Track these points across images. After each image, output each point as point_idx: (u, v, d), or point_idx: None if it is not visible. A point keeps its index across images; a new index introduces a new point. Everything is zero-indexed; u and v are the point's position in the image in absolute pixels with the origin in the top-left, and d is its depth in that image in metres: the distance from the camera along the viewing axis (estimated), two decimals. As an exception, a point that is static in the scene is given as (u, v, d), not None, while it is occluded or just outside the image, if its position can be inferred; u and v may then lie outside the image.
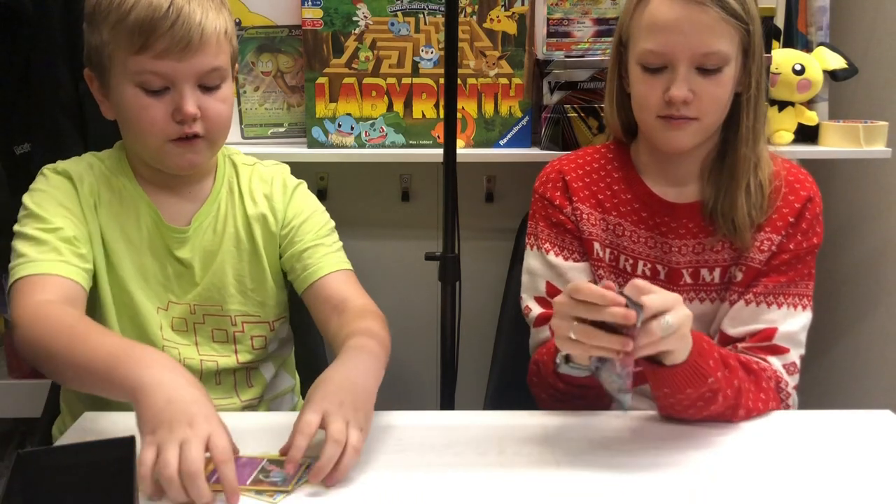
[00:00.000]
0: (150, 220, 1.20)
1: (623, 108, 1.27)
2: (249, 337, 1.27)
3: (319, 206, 1.32)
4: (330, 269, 1.24)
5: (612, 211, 1.27)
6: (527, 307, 1.30)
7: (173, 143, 1.14)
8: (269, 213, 1.26)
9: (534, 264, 1.30)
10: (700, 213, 1.23)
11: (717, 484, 0.96)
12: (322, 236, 1.27)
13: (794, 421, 1.13)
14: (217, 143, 1.19)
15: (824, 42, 1.71)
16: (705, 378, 1.04)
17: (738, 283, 1.23)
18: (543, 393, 1.22)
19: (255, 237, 1.25)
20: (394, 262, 1.85)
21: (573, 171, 1.30)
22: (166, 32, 1.08)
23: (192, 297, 1.22)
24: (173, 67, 1.10)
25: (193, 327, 1.24)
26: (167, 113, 1.12)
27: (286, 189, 1.28)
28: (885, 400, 1.28)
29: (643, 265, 1.25)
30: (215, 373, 1.25)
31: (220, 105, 1.16)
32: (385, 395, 1.84)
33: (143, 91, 1.11)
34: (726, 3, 1.13)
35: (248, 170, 1.29)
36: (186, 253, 1.21)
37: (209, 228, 1.23)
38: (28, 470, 0.80)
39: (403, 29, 1.63)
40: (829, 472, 0.99)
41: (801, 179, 1.25)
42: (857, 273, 1.89)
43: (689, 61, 1.14)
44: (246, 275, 1.25)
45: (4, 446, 1.83)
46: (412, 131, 1.67)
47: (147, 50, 1.09)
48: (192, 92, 1.12)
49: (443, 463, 1.00)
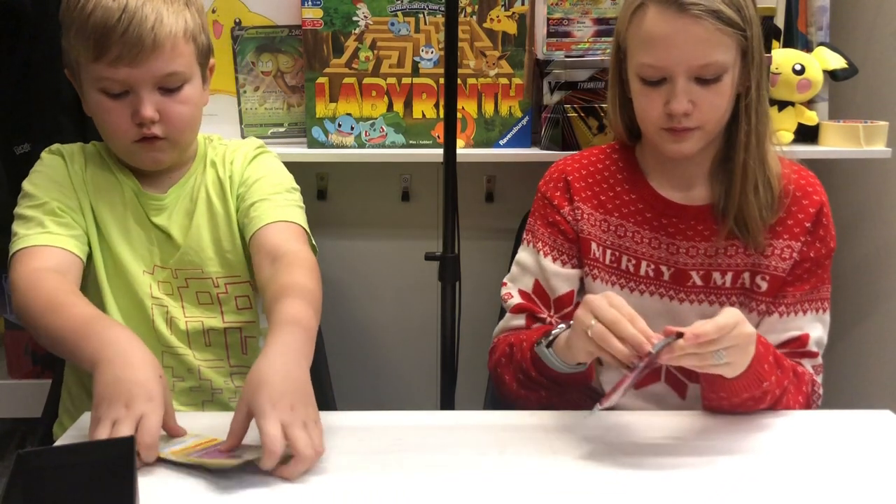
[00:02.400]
0: (131, 190, 1.26)
1: (626, 112, 1.26)
2: (233, 297, 1.29)
3: (281, 170, 1.33)
4: (270, 219, 1.24)
5: (615, 212, 1.26)
6: (508, 293, 1.31)
7: (137, 144, 1.19)
8: (231, 176, 1.29)
9: (526, 260, 1.31)
10: (711, 215, 1.22)
11: (717, 484, 0.96)
12: (272, 193, 1.27)
13: (794, 421, 1.13)
14: (181, 142, 1.23)
15: (824, 42, 1.71)
16: (761, 382, 1.08)
17: (764, 292, 1.22)
18: (509, 375, 1.23)
19: (228, 200, 1.28)
20: (394, 262, 1.85)
21: (576, 172, 1.30)
22: (118, 40, 1.10)
23: (174, 262, 1.26)
24: (128, 73, 1.13)
25: (178, 291, 1.27)
26: (128, 116, 1.16)
27: (248, 154, 1.32)
28: (885, 400, 1.29)
29: (647, 266, 1.25)
30: (202, 332, 1.27)
31: (180, 107, 1.18)
32: (385, 395, 1.83)
33: (105, 95, 1.15)
34: (722, 13, 1.11)
35: (222, 146, 1.34)
36: (164, 220, 1.26)
37: (186, 197, 1.27)
38: (28, 470, 0.80)
39: (403, 29, 1.63)
40: (829, 472, 0.99)
41: (812, 183, 1.25)
42: (857, 273, 1.89)
43: (687, 73, 1.13)
44: (222, 237, 1.27)
45: (4, 446, 1.83)
46: (412, 131, 1.67)
47: (102, 58, 1.12)
48: (149, 95, 1.15)
49: (443, 463, 1.00)
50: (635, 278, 1.25)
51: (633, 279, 1.25)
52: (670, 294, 1.24)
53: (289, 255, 1.18)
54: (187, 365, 1.26)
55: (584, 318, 1.01)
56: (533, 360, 1.16)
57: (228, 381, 1.29)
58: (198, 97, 1.22)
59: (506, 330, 1.30)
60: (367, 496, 0.92)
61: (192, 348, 1.27)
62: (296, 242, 1.22)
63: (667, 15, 1.12)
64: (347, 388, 1.85)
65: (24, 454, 0.81)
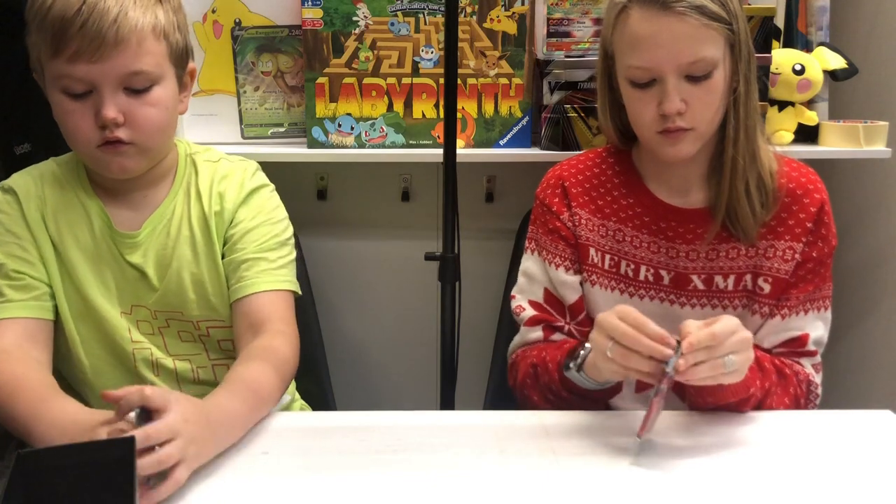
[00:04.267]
0: (101, 225, 1.17)
1: (618, 117, 1.26)
2: (216, 340, 1.23)
3: (278, 213, 1.25)
4: (261, 287, 1.18)
5: (612, 217, 1.26)
6: (519, 306, 1.30)
7: (101, 150, 1.09)
8: (220, 212, 1.20)
9: (533, 269, 1.30)
10: (710, 218, 1.22)
11: (717, 483, 0.96)
12: (266, 249, 1.20)
13: (794, 421, 1.13)
14: (150, 149, 1.13)
15: (824, 42, 1.71)
16: (748, 388, 1.09)
17: (767, 294, 1.22)
18: (537, 396, 1.22)
19: (212, 236, 1.19)
20: (394, 262, 1.85)
21: (573, 177, 1.29)
22: (77, 33, 1.02)
23: (152, 302, 1.19)
24: (87, 70, 1.04)
25: (159, 330, 1.20)
26: (91, 118, 1.07)
27: (242, 189, 1.22)
28: (885, 400, 1.29)
29: (646, 270, 1.25)
30: (191, 370, 1.22)
31: (148, 110, 1.09)
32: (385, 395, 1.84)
33: (67, 96, 1.07)
34: (706, 8, 1.10)
35: (211, 168, 1.23)
36: (138, 258, 1.17)
37: (162, 233, 1.19)
38: (28, 470, 0.80)
39: (403, 29, 1.63)
40: (828, 472, 0.99)
41: (813, 180, 1.24)
42: (857, 273, 1.89)
43: (677, 72, 1.12)
44: (205, 279, 1.19)
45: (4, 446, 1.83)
46: (412, 131, 1.67)
47: (61, 53, 1.04)
48: (112, 96, 1.06)
49: (443, 463, 1.00)
50: (634, 283, 1.25)
51: (633, 284, 1.25)
52: (671, 298, 1.24)
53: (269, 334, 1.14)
54: None
55: (601, 341, 1.02)
56: (562, 381, 1.15)
57: None
58: (170, 100, 1.12)
59: (524, 345, 1.29)
60: (367, 496, 0.92)
61: (181, 387, 1.21)
62: (283, 320, 1.17)
63: (650, 14, 1.11)
64: (347, 388, 1.85)
65: (24, 454, 0.81)
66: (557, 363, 1.16)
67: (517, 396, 1.28)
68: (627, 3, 1.14)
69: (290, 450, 1.03)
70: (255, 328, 1.15)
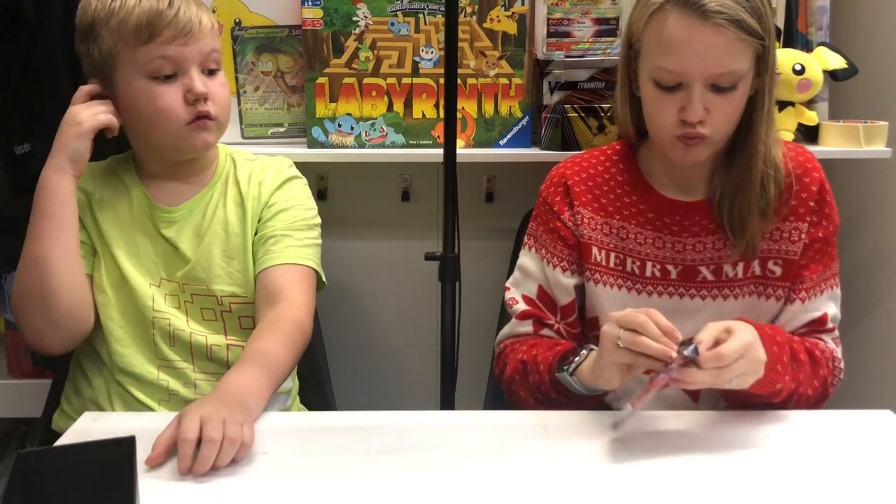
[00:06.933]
0: (141, 202, 1.29)
1: (635, 111, 1.25)
2: (237, 317, 1.30)
3: (309, 202, 1.36)
4: (283, 259, 1.27)
5: (615, 214, 1.26)
6: (512, 299, 1.31)
7: (188, 127, 1.23)
8: (257, 196, 1.31)
9: (530, 265, 1.31)
10: (710, 208, 1.23)
11: (717, 483, 0.96)
12: (293, 229, 1.31)
13: (794, 420, 1.13)
14: (223, 124, 1.28)
15: (824, 42, 1.71)
16: (773, 384, 1.10)
17: (779, 277, 1.23)
18: (524, 392, 1.23)
19: (246, 217, 1.30)
20: (394, 262, 1.85)
21: (576, 176, 1.29)
22: (171, 21, 1.19)
23: (181, 276, 1.28)
24: (179, 51, 1.20)
25: (184, 305, 1.28)
26: (180, 97, 1.21)
27: (279, 177, 1.34)
28: (885, 400, 1.28)
29: (652, 266, 1.25)
30: (205, 346, 1.28)
31: (221, 88, 1.26)
32: (385, 395, 1.84)
33: (155, 81, 1.21)
34: (744, 23, 1.10)
35: (249, 163, 1.36)
36: (173, 233, 1.28)
37: (198, 213, 1.30)
38: (28, 470, 0.81)
39: (403, 29, 1.63)
40: (828, 472, 0.99)
41: (810, 159, 1.26)
42: (857, 273, 1.89)
43: (704, 81, 1.12)
44: (234, 255, 1.29)
45: (4, 446, 1.83)
46: (412, 131, 1.67)
47: (155, 38, 1.19)
48: (198, 74, 1.22)
49: (443, 463, 1.00)
50: (641, 280, 1.25)
51: (640, 281, 1.25)
52: (679, 292, 1.25)
53: (285, 301, 1.23)
54: (185, 378, 1.27)
55: (612, 331, 1.03)
56: (552, 383, 1.17)
57: None
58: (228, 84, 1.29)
59: (512, 336, 1.31)
60: (367, 496, 0.92)
61: (193, 362, 1.27)
62: (299, 290, 1.26)
63: (688, 21, 1.10)
64: (347, 388, 1.85)
65: (24, 454, 0.81)
66: (549, 365, 1.18)
67: (503, 388, 1.29)
68: (665, 3, 1.13)
69: (290, 450, 1.03)
70: (272, 298, 1.24)
